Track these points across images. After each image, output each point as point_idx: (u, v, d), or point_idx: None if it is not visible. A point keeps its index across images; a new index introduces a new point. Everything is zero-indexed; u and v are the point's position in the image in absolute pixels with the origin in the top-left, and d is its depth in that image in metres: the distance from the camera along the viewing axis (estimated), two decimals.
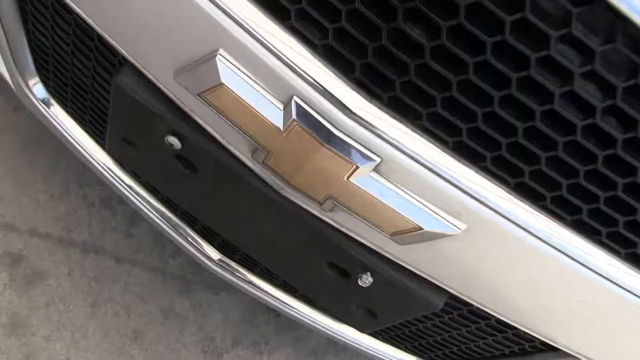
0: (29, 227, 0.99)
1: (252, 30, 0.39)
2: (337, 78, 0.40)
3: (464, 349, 0.66)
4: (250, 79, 0.41)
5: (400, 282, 0.51)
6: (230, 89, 0.42)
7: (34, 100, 0.67)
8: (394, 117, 0.41)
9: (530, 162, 0.41)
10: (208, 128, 0.47)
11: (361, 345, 0.73)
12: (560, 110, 0.36)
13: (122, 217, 1.07)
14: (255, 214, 0.54)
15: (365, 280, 0.52)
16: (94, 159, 0.69)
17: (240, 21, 0.39)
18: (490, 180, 0.42)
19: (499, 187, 0.42)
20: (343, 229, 0.49)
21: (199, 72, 0.42)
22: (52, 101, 0.67)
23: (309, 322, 0.73)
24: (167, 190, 0.61)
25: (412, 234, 0.44)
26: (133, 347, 0.98)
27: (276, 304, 0.73)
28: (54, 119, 0.68)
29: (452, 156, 0.41)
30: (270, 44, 0.39)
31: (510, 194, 0.43)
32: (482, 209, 0.43)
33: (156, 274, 1.05)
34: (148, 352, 0.99)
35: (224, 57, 0.41)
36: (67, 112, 0.68)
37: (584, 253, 0.45)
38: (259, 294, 0.73)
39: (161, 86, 0.46)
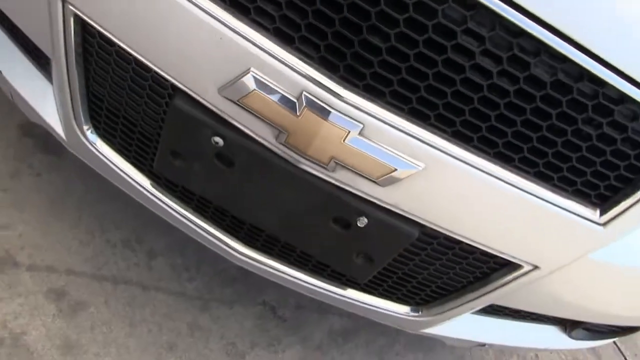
0: (66, 268, 1.16)
1: (271, 52, 0.63)
2: (329, 77, 0.63)
3: (440, 284, 0.87)
4: (273, 84, 0.64)
5: (385, 219, 0.73)
6: (260, 93, 0.64)
7: (87, 144, 0.88)
8: (368, 98, 0.64)
9: (459, 115, 0.64)
10: (242, 126, 0.69)
11: (361, 302, 0.93)
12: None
13: (142, 254, 1.25)
14: (278, 190, 0.75)
15: (362, 221, 0.73)
16: (137, 183, 0.89)
17: (264, 47, 0.62)
18: (435, 132, 0.65)
19: (441, 135, 0.66)
20: (344, 186, 0.71)
21: (237, 85, 0.65)
22: (101, 142, 0.88)
23: (319, 291, 0.93)
24: (206, 190, 0.81)
25: (390, 175, 0.67)
26: (169, 356, 1.14)
27: (291, 280, 0.93)
28: (105, 158, 0.88)
29: (408, 119, 0.65)
30: (284, 60, 0.63)
31: (448, 140, 0.66)
32: (432, 151, 0.66)
33: (178, 296, 1.22)
34: (182, 359, 1.15)
35: (254, 73, 0.64)
36: (115, 149, 0.88)
37: (503, 175, 0.68)
38: (278, 274, 0.93)
39: (206, 102, 0.68)
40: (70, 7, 0.69)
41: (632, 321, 0.94)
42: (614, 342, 1.63)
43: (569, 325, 1.06)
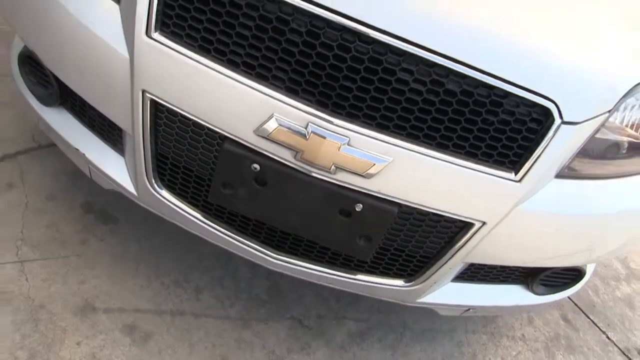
0: (133, 308, 1.47)
1: (286, 102, 1.00)
2: (323, 111, 1.01)
3: (422, 254, 1.21)
4: (289, 121, 1.01)
5: (374, 204, 1.08)
6: (281, 128, 1.01)
7: (156, 194, 1.23)
8: (349, 121, 1.01)
9: (407, 122, 1.01)
10: (271, 153, 1.05)
11: (367, 282, 1.26)
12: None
13: (190, 290, 1.57)
14: (298, 196, 1.10)
15: (359, 207, 1.09)
16: (194, 217, 1.23)
17: (281, 100, 1.00)
18: (394, 136, 1.02)
19: (399, 137, 1.02)
20: (343, 183, 1.06)
21: (266, 126, 1.02)
22: (166, 192, 1.23)
23: (336, 278, 1.26)
24: (248, 208, 1.16)
25: (371, 169, 1.03)
26: None
27: (314, 273, 1.26)
28: (170, 203, 1.23)
29: (376, 130, 1.02)
30: (294, 105, 1.00)
31: (404, 139, 1.03)
32: (395, 148, 1.02)
33: (223, 319, 1.53)
34: None
35: (277, 116, 1.01)
36: (175, 194, 1.23)
37: (444, 157, 1.04)
38: (304, 269, 1.26)
39: (246, 141, 1.05)
40: (148, 95, 1.07)
41: (567, 261, 1.28)
42: (588, 317, 1.94)
43: (530, 283, 1.39)
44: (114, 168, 1.28)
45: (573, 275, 1.41)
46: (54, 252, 1.49)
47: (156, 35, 1.02)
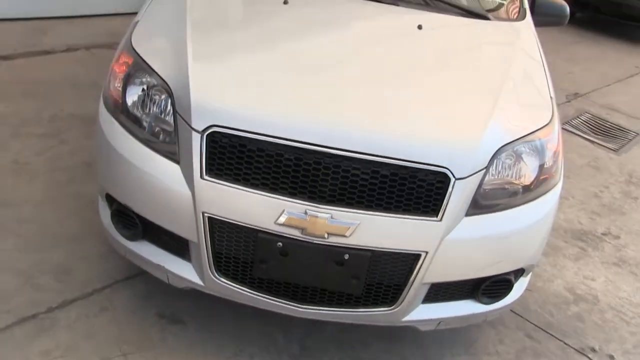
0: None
1: (292, 202, 1.72)
2: (315, 203, 1.72)
3: (395, 284, 1.85)
4: (294, 212, 1.72)
5: (355, 252, 1.76)
6: (291, 217, 1.72)
7: (218, 281, 1.88)
8: (330, 205, 1.73)
9: (362, 198, 1.73)
10: (287, 233, 1.75)
11: (366, 312, 1.88)
12: None
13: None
14: (308, 258, 1.78)
15: (346, 257, 1.76)
16: (245, 291, 1.89)
17: (289, 201, 1.72)
18: (357, 208, 1.74)
19: (360, 208, 1.74)
20: (334, 243, 1.75)
21: (281, 217, 1.72)
22: (224, 278, 1.89)
23: (344, 314, 1.89)
24: (278, 274, 1.82)
25: (348, 231, 1.73)
26: None
27: (328, 313, 1.89)
28: (229, 285, 1.88)
29: (347, 207, 1.73)
30: (298, 202, 1.72)
31: (363, 208, 1.74)
32: (358, 215, 1.73)
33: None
34: None
35: (288, 210, 1.72)
36: (230, 278, 1.89)
37: (389, 214, 1.75)
38: (321, 312, 1.89)
39: (272, 230, 1.75)
40: (206, 214, 1.79)
41: (492, 270, 1.93)
42: (547, 332, 2.53)
43: (476, 295, 2.02)
44: (185, 271, 1.96)
45: (505, 286, 2.05)
46: (146, 347, 2.10)
47: (206, 177, 1.76)
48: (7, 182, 2.87)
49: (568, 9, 3.01)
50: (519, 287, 2.16)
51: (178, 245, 1.96)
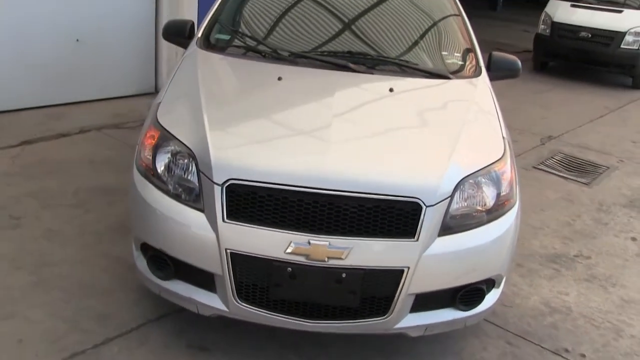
0: None
1: (296, 234, 2.20)
2: (314, 234, 2.20)
3: (385, 296, 2.30)
4: (300, 242, 2.19)
5: (350, 271, 2.22)
6: (297, 246, 2.19)
7: (241, 307, 2.32)
8: (328, 234, 2.20)
9: (344, 228, 2.22)
10: (294, 259, 2.21)
11: (365, 322, 2.32)
12: None
13: None
14: (312, 278, 2.23)
15: (344, 275, 2.22)
16: (263, 313, 2.32)
17: (294, 234, 2.20)
18: (349, 235, 2.22)
19: (352, 235, 2.21)
20: (333, 264, 2.21)
21: (290, 247, 2.19)
22: (245, 303, 2.33)
23: (347, 325, 2.32)
24: (289, 295, 2.26)
25: (343, 254, 2.19)
26: None
27: (331, 326, 2.33)
28: (250, 309, 2.32)
29: (340, 235, 2.21)
30: (302, 235, 2.20)
31: (354, 236, 2.21)
32: (352, 241, 2.21)
33: None
34: None
35: (294, 242, 2.20)
36: (250, 303, 2.33)
37: (374, 239, 2.23)
38: (326, 325, 2.32)
39: (282, 258, 2.21)
40: (229, 250, 2.25)
41: (466, 279, 2.38)
42: (525, 339, 2.95)
43: (455, 303, 2.46)
44: (212, 300, 2.40)
45: (478, 294, 2.50)
46: None
47: (227, 220, 2.25)
48: (44, 247, 3.33)
49: (519, 63, 3.59)
50: (492, 297, 2.60)
51: (205, 279, 2.40)
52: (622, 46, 9.25)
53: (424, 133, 2.68)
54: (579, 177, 5.36)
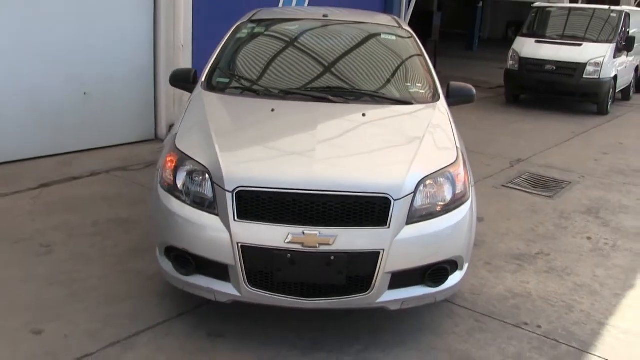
0: None
1: (293, 226, 2.83)
2: (309, 226, 2.83)
3: (367, 273, 2.90)
4: (296, 233, 2.81)
5: (338, 254, 2.83)
6: (294, 236, 2.81)
7: (252, 291, 2.90)
8: (319, 225, 2.83)
9: (338, 218, 2.85)
10: (292, 247, 2.82)
11: (352, 298, 2.91)
12: None
13: None
14: (309, 262, 2.84)
15: (332, 258, 2.83)
16: (269, 294, 2.91)
17: (291, 227, 2.83)
18: (335, 225, 2.84)
19: (337, 224, 2.84)
20: (324, 249, 2.82)
21: (288, 237, 2.81)
22: (255, 288, 2.92)
23: (341, 301, 2.91)
24: (290, 277, 2.85)
25: (331, 240, 2.81)
26: None
27: (327, 302, 2.92)
28: (258, 292, 2.91)
29: (328, 225, 2.84)
30: (297, 228, 2.82)
31: (340, 225, 2.84)
32: (338, 230, 2.83)
33: None
34: None
35: (291, 232, 2.82)
36: (258, 286, 2.92)
37: (355, 228, 2.86)
38: (322, 302, 2.91)
39: (282, 247, 2.82)
40: (240, 243, 2.87)
41: (433, 259, 3.00)
42: (491, 317, 3.54)
43: (425, 280, 3.07)
44: (227, 288, 2.99)
45: (443, 273, 3.11)
46: (202, 354, 3.07)
47: (237, 219, 2.87)
48: (73, 267, 3.90)
49: (474, 90, 4.30)
50: (456, 277, 3.19)
51: (220, 271, 3.00)
52: (584, 76, 10.16)
53: (391, 146, 3.36)
54: (543, 192, 6.04)
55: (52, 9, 5.91)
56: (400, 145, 3.38)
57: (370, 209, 2.89)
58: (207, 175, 3.02)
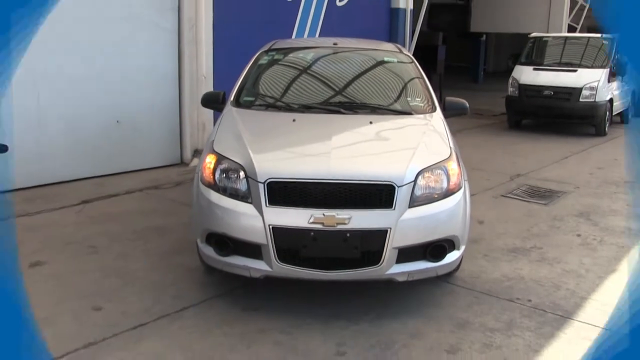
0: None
1: (315, 209, 3.47)
2: (327, 208, 3.47)
3: (377, 248, 3.52)
4: (318, 215, 3.45)
5: (353, 232, 3.46)
6: (317, 217, 3.45)
7: (282, 266, 3.52)
8: (337, 208, 3.47)
9: (352, 202, 3.49)
10: (315, 226, 3.45)
11: (367, 270, 3.51)
12: None
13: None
14: (329, 238, 3.46)
15: (348, 235, 3.46)
16: (297, 268, 3.53)
17: (313, 209, 3.47)
18: (349, 208, 3.48)
19: (351, 207, 3.48)
20: (341, 228, 3.45)
21: (312, 217, 3.45)
22: (284, 263, 3.53)
23: (355, 273, 3.52)
24: (314, 252, 3.47)
25: (346, 220, 3.45)
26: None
27: (344, 274, 3.52)
28: (287, 266, 3.52)
29: (344, 207, 3.48)
30: (318, 209, 3.46)
31: (353, 208, 3.48)
32: (352, 211, 3.47)
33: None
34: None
35: (313, 214, 3.46)
36: (287, 262, 3.53)
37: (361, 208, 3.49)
38: (341, 274, 3.52)
39: (306, 227, 3.45)
40: (271, 225, 3.50)
41: (432, 236, 3.61)
42: (488, 294, 4.13)
43: (427, 256, 3.67)
44: (260, 265, 3.61)
45: (442, 249, 3.72)
46: (240, 323, 3.67)
47: (269, 205, 3.54)
48: (121, 264, 4.54)
49: (466, 103, 4.97)
50: (453, 255, 3.80)
51: (254, 251, 3.62)
52: (581, 99, 10.83)
53: (395, 145, 4.05)
54: (539, 200, 6.64)
55: (91, 45, 6.71)
56: (402, 145, 4.06)
57: (378, 194, 3.53)
58: (242, 171, 3.68)
